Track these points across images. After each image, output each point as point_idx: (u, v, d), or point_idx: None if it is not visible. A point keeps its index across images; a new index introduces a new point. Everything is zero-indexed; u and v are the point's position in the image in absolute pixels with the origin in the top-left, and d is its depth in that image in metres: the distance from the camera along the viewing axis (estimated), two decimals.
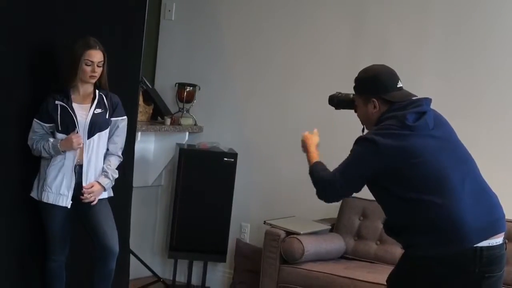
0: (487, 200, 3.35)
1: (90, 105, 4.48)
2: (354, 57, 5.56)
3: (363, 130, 3.52)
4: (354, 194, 3.49)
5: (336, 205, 5.32)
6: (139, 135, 5.60)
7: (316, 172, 3.47)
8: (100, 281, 4.54)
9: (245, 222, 6.02)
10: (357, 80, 3.50)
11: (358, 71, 3.54)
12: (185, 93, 6.02)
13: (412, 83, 5.23)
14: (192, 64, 6.20)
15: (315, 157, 3.56)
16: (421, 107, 3.37)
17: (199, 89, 6.06)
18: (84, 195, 4.45)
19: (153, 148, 6.10)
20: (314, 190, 3.45)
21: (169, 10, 6.26)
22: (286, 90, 5.89)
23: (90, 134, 4.45)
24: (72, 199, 4.45)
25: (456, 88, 5.34)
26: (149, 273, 5.81)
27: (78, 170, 4.46)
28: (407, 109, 3.35)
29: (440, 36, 5.41)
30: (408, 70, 5.36)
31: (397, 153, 3.28)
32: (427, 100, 3.42)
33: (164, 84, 6.23)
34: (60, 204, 4.43)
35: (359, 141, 3.38)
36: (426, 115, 3.35)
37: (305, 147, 3.65)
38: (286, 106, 5.89)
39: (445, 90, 5.35)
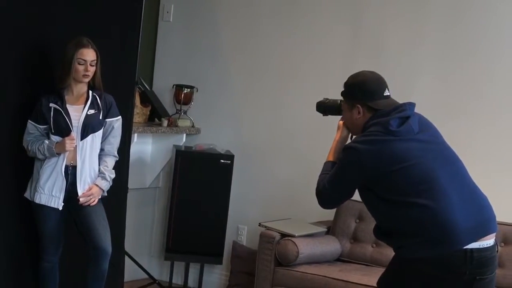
0: (477, 201, 3.33)
1: (83, 106, 4.46)
2: (350, 58, 5.55)
3: (351, 137, 3.52)
4: None
5: None
6: (136, 136, 5.58)
7: (319, 176, 3.48)
8: (93, 282, 4.52)
9: (242, 224, 6.00)
10: (345, 85, 3.49)
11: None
12: (183, 95, 6.01)
13: (408, 83, 5.28)
14: (190, 65, 6.19)
15: (330, 154, 3.54)
16: (404, 112, 3.36)
17: (197, 91, 6.05)
18: (82, 199, 4.44)
19: (151, 150, 6.09)
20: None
21: (167, 12, 6.26)
22: (283, 92, 5.88)
23: (83, 135, 4.44)
24: (65, 200, 4.45)
25: (452, 89, 5.33)
26: (146, 275, 5.79)
27: (72, 171, 4.45)
28: (390, 115, 3.34)
29: (436, 36, 5.39)
30: (404, 71, 5.39)
31: (381, 159, 3.27)
32: (411, 105, 3.41)
33: (162, 85, 6.22)
34: (52, 205, 4.43)
35: (344, 150, 3.39)
36: (410, 119, 3.34)
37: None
38: (283, 108, 5.87)
39: (441, 90, 5.34)
